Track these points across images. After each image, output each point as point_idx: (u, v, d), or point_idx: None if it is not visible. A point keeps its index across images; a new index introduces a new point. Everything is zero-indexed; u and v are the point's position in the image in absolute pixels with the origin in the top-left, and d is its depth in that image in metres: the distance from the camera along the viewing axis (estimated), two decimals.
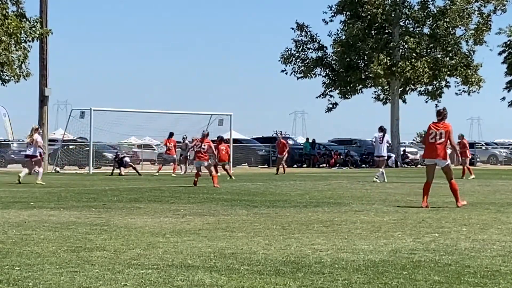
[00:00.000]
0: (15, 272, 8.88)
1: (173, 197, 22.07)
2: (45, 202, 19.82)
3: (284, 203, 19.81)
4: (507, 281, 8.48)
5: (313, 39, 67.50)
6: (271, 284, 8.26)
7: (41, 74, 48.82)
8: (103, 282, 8.33)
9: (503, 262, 9.80)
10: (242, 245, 11.34)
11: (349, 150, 64.85)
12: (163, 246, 11.14)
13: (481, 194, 23.93)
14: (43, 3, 48.82)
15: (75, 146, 53.75)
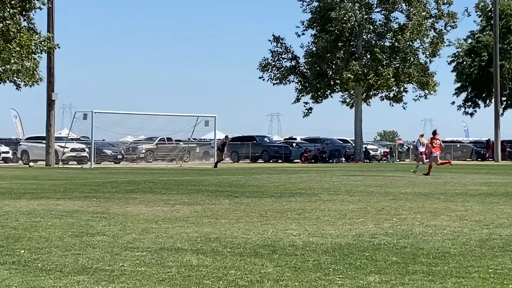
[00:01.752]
0: (25, 255, 8.85)
1: (165, 188, 22.04)
2: (52, 193, 19.74)
3: (262, 194, 19.82)
4: (456, 261, 8.53)
5: (287, 50, 67.62)
6: (250, 264, 8.27)
7: (49, 81, 48.68)
8: (103, 263, 8.31)
9: (452, 245, 9.84)
10: (225, 230, 11.34)
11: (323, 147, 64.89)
12: (155, 232, 11.12)
13: (433, 186, 24.01)
14: (51, 18, 48.65)
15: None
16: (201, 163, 56.64)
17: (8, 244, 9.67)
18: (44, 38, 46.33)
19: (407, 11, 64.69)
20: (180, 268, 8.03)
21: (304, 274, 7.75)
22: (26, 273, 7.70)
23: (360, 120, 66.09)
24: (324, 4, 64.58)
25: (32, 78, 45.90)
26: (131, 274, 7.65)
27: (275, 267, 8.13)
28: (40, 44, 45.95)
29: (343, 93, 67.52)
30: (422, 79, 64.59)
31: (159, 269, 7.96)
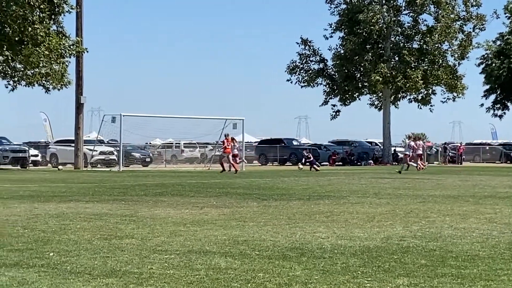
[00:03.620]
0: (54, 257, 8.90)
1: (193, 191, 22.07)
2: (81, 196, 19.84)
3: (290, 196, 19.80)
4: (485, 264, 8.47)
5: (315, 53, 67.56)
6: (278, 267, 8.27)
7: (77, 84, 48.95)
8: (132, 266, 8.34)
9: (481, 248, 9.78)
10: (253, 233, 11.34)
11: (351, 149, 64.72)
12: (184, 234, 11.15)
13: (462, 188, 23.88)
14: (79, 22, 48.94)
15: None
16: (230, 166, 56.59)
17: (37, 247, 9.73)
18: (73, 42, 46.66)
19: (435, 13, 64.41)
20: (208, 270, 8.04)
21: (332, 277, 7.73)
22: (55, 275, 7.75)
23: (389, 123, 65.88)
24: (352, 7, 64.47)
25: (61, 82, 46.24)
26: (160, 277, 7.67)
27: (304, 270, 8.12)
28: (69, 48, 46.29)
29: (371, 95, 67.40)
30: (451, 82, 64.31)
31: (188, 271, 7.98)
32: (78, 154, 49.16)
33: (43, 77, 45.97)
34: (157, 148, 67.14)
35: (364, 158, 64.30)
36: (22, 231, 11.59)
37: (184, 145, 64.56)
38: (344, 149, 65.15)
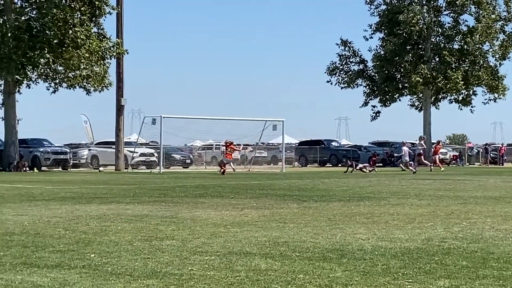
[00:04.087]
0: (96, 259, 8.96)
1: (233, 193, 22.11)
2: (122, 197, 19.96)
3: (330, 198, 19.76)
4: None
5: (355, 54, 67.37)
6: (319, 268, 8.25)
7: (118, 86, 49.34)
8: (172, 267, 8.37)
9: None
10: (293, 234, 11.33)
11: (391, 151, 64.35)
12: (224, 236, 11.16)
13: (504, 189, 23.65)
14: (120, 24, 49.30)
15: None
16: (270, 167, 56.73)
17: (78, 248, 9.80)
18: (113, 44, 47.01)
19: (476, 14, 63.87)
20: (248, 272, 8.05)
21: (373, 278, 7.70)
22: (96, 277, 7.80)
23: (429, 124, 65.49)
24: (392, 7, 64.19)
25: (102, 83, 46.65)
26: (200, 278, 7.69)
27: (344, 271, 8.09)
28: (109, 50, 46.66)
29: (412, 96, 67.02)
30: (492, 83, 63.74)
31: (228, 273, 7.99)
32: (119, 156, 49.53)
33: (84, 79, 46.40)
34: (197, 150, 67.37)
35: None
36: (63, 232, 11.69)
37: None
38: (384, 150, 64.82)
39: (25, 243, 10.35)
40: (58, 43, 44.38)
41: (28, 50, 44.22)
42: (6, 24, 43.97)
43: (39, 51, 44.10)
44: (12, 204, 17.52)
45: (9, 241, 10.52)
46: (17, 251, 9.52)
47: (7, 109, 46.34)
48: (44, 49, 44.09)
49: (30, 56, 44.31)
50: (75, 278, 7.70)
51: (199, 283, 7.46)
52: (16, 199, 19.24)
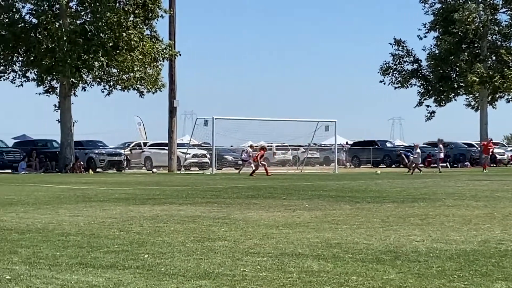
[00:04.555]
0: (149, 259, 9.03)
1: (285, 194, 22.11)
2: (175, 198, 20.08)
3: (384, 199, 19.65)
4: None
5: (409, 53, 66.94)
6: (372, 270, 8.21)
7: (170, 88, 49.65)
8: (225, 268, 8.40)
9: None
10: (346, 236, 11.30)
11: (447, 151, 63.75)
12: (276, 237, 11.17)
13: None
14: (172, 26, 49.62)
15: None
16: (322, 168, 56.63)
17: (132, 249, 9.89)
18: (166, 46, 47.36)
19: None
20: (301, 273, 8.04)
21: (427, 280, 7.64)
22: (150, 277, 7.86)
23: (486, 124, 64.77)
24: (447, 6, 63.65)
25: (155, 85, 47.07)
26: (252, 279, 7.70)
27: (398, 273, 8.05)
28: (162, 52, 47.03)
29: (468, 96, 66.37)
30: None
31: (280, 274, 7.99)
32: (172, 157, 49.84)
33: (138, 81, 46.83)
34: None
35: (460, 160, 63.28)
36: (118, 233, 11.81)
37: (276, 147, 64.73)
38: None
39: (81, 243, 10.47)
40: (112, 46, 44.86)
41: (83, 54, 44.76)
42: (61, 28, 44.55)
43: (93, 54, 44.61)
44: (68, 205, 17.74)
45: (65, 242, 10.66)
46: (72, 252, 9.64)
47: (63, 111, 46.95)
48: (99, 52, 44.59)
49: (85, 59, 44.84)
50: (129, 278, 7.77)
51: (251, 284, 7.48)
52: (72, 200, 19.48)
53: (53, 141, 52.51)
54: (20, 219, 14.11)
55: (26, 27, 45.74)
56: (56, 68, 44.70)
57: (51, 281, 7.66)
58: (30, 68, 46.69)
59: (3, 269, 8.31)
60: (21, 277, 7.83)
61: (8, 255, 9.34)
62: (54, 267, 8.45)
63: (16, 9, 45.87)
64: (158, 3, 46.36)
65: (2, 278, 7.78)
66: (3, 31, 45.07)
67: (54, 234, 11.66)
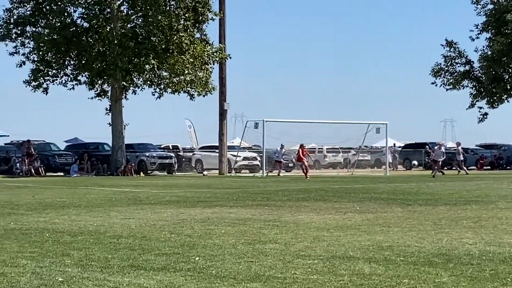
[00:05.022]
0: (200, 261, 9.07)
1: (336, 196, 22.04)
2: (225, 201, 20.13)
3: (436, 201, 19.49)
4: None
5: (461, 55, 66.26)
6: (424, 273, 8.15)
7: (221, 91, 49.79)
8: (276, 270, 8.40)
9: None
10: (397, 238, 11.23)
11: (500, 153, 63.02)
12: (327, 240, 11.15)
13: None
14: (222, 29, 49.79)
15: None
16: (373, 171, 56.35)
17: (183, 251, 9.94)
18: (216, 49, 47.53)
19: None
20: (352, 276, 8.01)
21: (480, 283, 7.56)
22: (201, 279, 7.89)
23: None
24: (499, 7, 62.88)
25: (205, 88, 47.19)
26: (303, 282, 7.69)
27: (450, 276, 7.98)
28: (213, 55, 47.20)
29: None
30: None
31: (331, 277, 7.97)
32: (222, 160, 49.98)
33: (188, 84, 47.03)
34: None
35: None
36: (169, 235, 11.88)
37: (326, 150, 64.57)
38: (492, 153, 63.54)
39: (132, 246, 10.56)
40: (163, 49, 45.14)
41: (133, 57, 45.12)
42: (112, 32, 44.97)
43: (144, 57, 44.93)
44: (120, 207, 17.89)
45: (116, 244, 10.75)
46: (124, 254, 9.72)
47: (114, 114, 47.35)
48: (149, 55, 44.90)
49: (135, 62, 45.19)
50: (181, 281, 7.81)
51: (302, 287, 7.47)
52: (123, 202, 19.64)
53: (104, 144, 53.00)
54: (72, 222, 14.27)
55: (77, 31, 46.26)
56: (107, 71, 45.13)
57: (102, 283, 7.73)
58: (81, 71, 47.19)
59: (56, 271, 8.41)
60: (73, 279, 7.92)
61: (60, 257, 9.45)
62: (105, 269, 8.53)
63: (68, 13, 46.43)
64: (208, 7, 46.54)
65: (55, 280, 7.88)
66: (55, 35, 45.64)
67: (105, 236, 11.77)
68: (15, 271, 8.41)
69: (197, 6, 46.05)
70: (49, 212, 16.66)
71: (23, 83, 46.83)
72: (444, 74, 66.20)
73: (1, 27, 46.27)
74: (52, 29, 45.76)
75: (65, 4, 45.74)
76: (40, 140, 53.53)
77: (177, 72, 46.05)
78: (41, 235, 11.95)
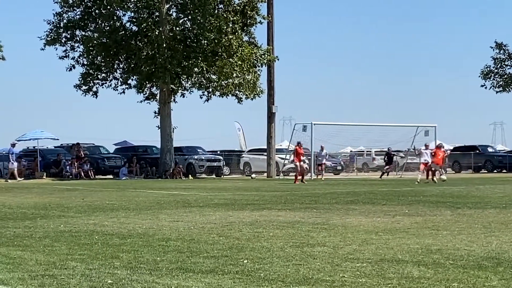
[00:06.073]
0: (248, 264, 9.08)
1: (384, 199, 21.92)
2: (273, 204, 20.14)
3: (485, 204, 19.29)
4: None
5: (511, 57, 65.57)
6: (474, 277, 8.08)
7: (269, 94, 49.80)
8: (324, 273, 8.39)
9: None
10: (446, 242, 11.14)
11: None
12: (376, 243, 11.10)
13: None
14: (270, 32, 49.81)
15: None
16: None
17: (232, 254, 9.96)
18: (264, 51, 47.55)
19: None
20: (401, 279, 7.97)
21: None
22: (249, 282, 7.90)
23: None
24: None
25: (254, 91, 47.24)
26: (352, 285, 7.67)
27: (500, 280, 7.90)
28: (261, 58, 47.23)
29: None
30: None
31: (380, 280, 7.94)
32: (270, 163, 49.99)
33: (236, 87, 47.12)
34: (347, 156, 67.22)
35: None
36: (217, 238, 11.92)
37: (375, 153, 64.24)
38: None
39: (181, 248, 10.61)
40: (212, 52, 45.31)
41: (182, 60, 45.35)
42: (161, 35, 45.26)
43: (193, 60, 45.15)
44: (168, 210, 17.99)
45: (165, 247, 10.82)
46: (173, 256, 9.77)
47: (163, 117, 47.64)
48: (198, 58, 45.12)
49: (184, 65, 45.43)
50: (229, 284, 7.83)
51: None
52: (172, 205, 19.74)
53: (153, 147, 53.36)
54: (121, 224, 14.39)
55: (126, 35, 46.66)
56: (156, 74, 45.44)
57: (151, 285, 7.78)
58: (130, 75, 47.56)
59: (105, 274, 8.48)
60: (123, 282, 7.98)
61: (110, 260, 9.53)
62: (154, 272, 8.58)
63: (117, 17, 46.88)
64: (256, 10, 46.62)
65: (104, 283, 7.95)
66: (104, 38, 46.11)
67: (154, 239, 11.84)
68: (65, 273, 8.50)
69: (246, 9, 46.16)
70: (98, 214, 16.82)
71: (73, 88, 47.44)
72: (493, 76, 65.60)
73: (51, 31, 46.85)
74: (101, 33, 46.25)
75: (114, 8, 46.18)
76: (90, 143, 54.07)
77: (226, 75, 46.17)
78: (90, 238, 12.07)
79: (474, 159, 61.30)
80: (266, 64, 48.48)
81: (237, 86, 47.03)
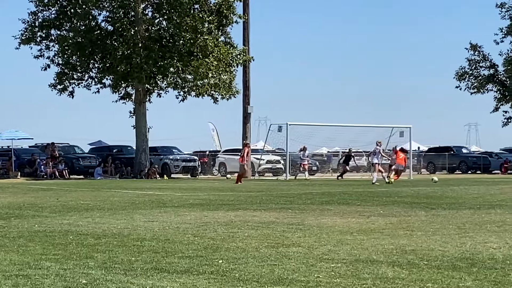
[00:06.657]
0: (223, 264, 9.08)
1: (359, 200, 21.99)
2: (249, 204, 20.13)
3: (460, 205, 19.40)
4: None
5: (485, 58, 65.94)
6: (448, 277, 8.12)
7: (244, 94, 49.80)
8: (299, 274, 8.40)
9: None
10: (421, 242, 11.19)
11: None
12: (350, 243, 11.13)
13: None
14: (246, 32, 49.82)
15: None
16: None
17: (206, 254, 9.96)
18: (240, 51, 47.56)
19: None
20: (375, 280, 8.00)
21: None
22: (224, 282, 7.90)
23: None
24: None
25: (229, 91, 47.22)
26: (327, 285, 7.69)
27: (474, 280, 7.94)
28: (236, 58, 47.23)
29: None
30: None
31: (354, 280, 7.96)
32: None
33: (212, 87, 47.08)
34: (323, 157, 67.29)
35: None
36: (192, 238, 11.90)
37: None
38: None
39: (156, 248, 10.59)
40: (187, 51, 45.23)
41: (158, 60, 45.24)
42: (137, 35, 45.15)
43: (169, 60, 45.07)
44: (143, 210, 17.95)
45: (140, 247, 10.79)
46: (147, 257, 9.75)
47: (138, 117, 47.51)
48: (174, 58, 45.05)
49: (160, 65, 45.32)
50: (204, 284, 7.83)
51: None
52: (147, 205, 19.69)
53: (128, 147, 53.19)
54: (96, 224, 14.33)
55: (102, 34, 46.45)
56: (132, 74, 45.31)
57: (126, 285, 7.76)
58: (106, 74, 47.37)
59: (80, 274, 8.45)
60: (97, 282, 7.95)
61: (84, 260, 9.50)
62: (129, 272, 8.56)
63: (92, 16, 46.65)
64: (232, 9, 46.58)
65: (78, 283, 7.92)
66: (79, 38, 45.86)
67: (129, 239, 11.81)
68: (39, 273, 8.46)
69: (222, 8, 46.11)
70: (72, 214, 16.75)
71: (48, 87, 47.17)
72: (468, 77, 65.92)
73: (26, 30, 46.56)
74: (76, 32, 46.01)
75: (90, 8, 45.94)
76: (64, 143, 53.83)
77: (201, 75, 46.10)
78: (65, 238, 12.02)
79: (448, 160, 61.67)
80: (242, 64, 48.48)
81: (212, 86, 46.98)
